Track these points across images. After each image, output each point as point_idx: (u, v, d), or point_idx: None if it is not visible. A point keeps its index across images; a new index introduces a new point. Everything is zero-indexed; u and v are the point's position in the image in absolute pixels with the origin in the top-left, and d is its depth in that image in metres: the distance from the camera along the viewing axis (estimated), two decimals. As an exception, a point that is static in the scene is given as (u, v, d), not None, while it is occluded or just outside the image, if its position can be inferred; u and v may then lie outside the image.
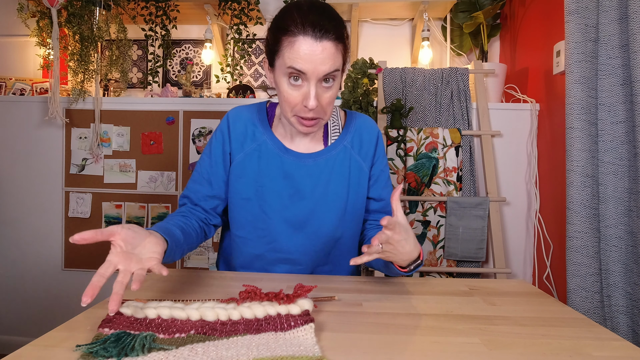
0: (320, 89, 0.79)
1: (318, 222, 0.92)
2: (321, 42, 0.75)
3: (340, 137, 0.95)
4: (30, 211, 2.02)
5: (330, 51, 0.77)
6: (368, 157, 0.95)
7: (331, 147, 0.93)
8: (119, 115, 1.98)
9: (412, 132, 1.81)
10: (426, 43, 2.13)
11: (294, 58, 0.76)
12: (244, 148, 0.92)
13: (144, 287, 0.82)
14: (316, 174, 0.91)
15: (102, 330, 0.57)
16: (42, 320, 2.03)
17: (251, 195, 0.92)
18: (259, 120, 0.94)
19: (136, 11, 2.14)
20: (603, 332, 0.64)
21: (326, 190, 0.91)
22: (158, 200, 1.97)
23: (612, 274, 1.24)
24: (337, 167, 0.92)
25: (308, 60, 0.75)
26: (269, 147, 0.91)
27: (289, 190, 0.91)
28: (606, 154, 1.26)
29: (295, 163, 0.91)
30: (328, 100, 0.82)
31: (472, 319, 0.68)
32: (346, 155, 0.93)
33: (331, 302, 0.75)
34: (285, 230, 0.92)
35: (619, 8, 1.22)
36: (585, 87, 1.28)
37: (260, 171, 0.91)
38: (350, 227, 0.96)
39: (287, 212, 0.91)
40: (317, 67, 0.76)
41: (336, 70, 0.79)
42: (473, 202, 1.76)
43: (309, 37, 0.75)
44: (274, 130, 0.94)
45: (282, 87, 0.81)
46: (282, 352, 0.52)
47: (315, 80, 0.77)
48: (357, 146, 0.95)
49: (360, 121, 0.97)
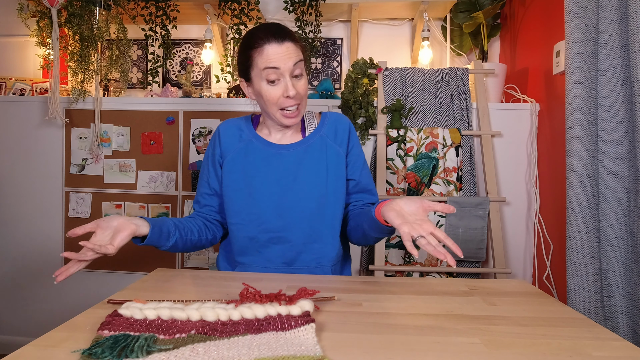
0: (293, 81, 0.97)
1: (303, 202, 1.03)
2: (284, 43, 0.95)
3: (316, 129, 1.09)
4: (30, 211, 2.02)
5: (292, 48, 0.96)
6: (343, 144, 1.09)
7: (309, 137, 1.07)
8: (119, 115, 1.98)
9: (412, 132, 1.81)
10: (426, 43, 2.13)
11: (267, 60, 0.94)
12: (233, 149, 1.07)
13: (144, 287, 0.82)
14: (297, 161, 1.04)
15: (102, 332, 0.57)
16: (42, 320, 2.03)
17: (242, 185, 1.04)
18: (245, 125, 1.10)
19: (136, 11, 2.14)
20: (603, 332, 0.64)
21: (307, 174, 1.04)
22: (158, 200, 1.97)
23: (612, 274, 1.25)
24: (315, 153, 1.05)
25: (278, 58, 0.94)
26: (254, 144, 1.07)
27: (274, 177, 1.04)
28: (606, 154, 1.26)
29: (279, 153, 1.05)
30: (303, 89, 0.99)
31: (472, 319, 0.68)
32: (323, 143, 1.07)
33: (331, 302, 0.75)
34: (273, 211, 1.03)
35: (619, 8, 1.22)
36: (585, 87, 1.28)
37: (247, 164, 1.05)
38: (333, 204, 1.05)
39: (274, 196, 1.03)
40: (286, 62, 0.94)
41: (301, 61, 0.97)
42: (473, 202, 1.76)
43: (273, 42, 0.94)
44: (258, 132, 1.10)
45: (263, 90, 0.97)
46: (284, 352, 0.52)
47: (288, 74, 0.95)
48: (332, 135, 1.08)
49: (334, 116, 1.12)
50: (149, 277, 0.89)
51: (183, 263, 1.98)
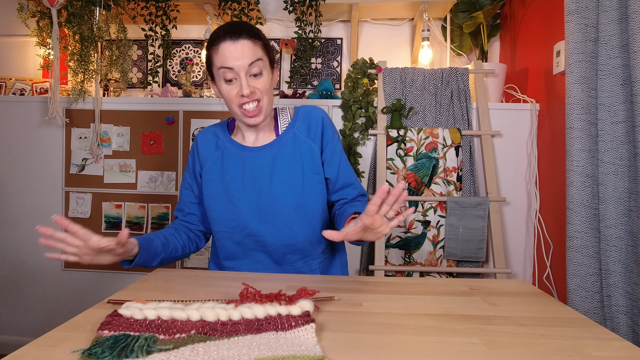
0: (250, 80, 0.94)
1: (279, 203, 1.01)
2: (238, 41, 0.92)
3: (288, 126, 1.06)
4: (30, 211, 2.02)
5: (248, 46, 0.92)
6: (317, 139, 1.05)
7: (282, 136, 1.04)
8: (119, 115, 1.98)
9: (412, 132, 1.81)
10: (426, 43, 2.13)
11: (221, 59, 0.93)
12: (210, 157, 1.07)
13: (144, 287, 0.82)
14: (271, 162, 1.02)
15: (102, 332, 0.57)
16: (42, 320, 2.03)
17: (220, 193, 1.03)
18: (221, 132, 1.09)
19: (136, 11, 2.14)
20: (603, 332, 0.64)
21: (282, 173, 1.02)
22: (158, 200, 1.97)
23: (612, 274, 1.25)
24: (289, 152, 1.03)
25: (232, 57, 0.92)
26: (230, 150, 1.05)
27: (250, 180, 1.02)
28: (606, 154, 1.26)
29: (253, 156, 1.03)
30: (262, 88, 0.96)
31: (472, 319, 0.68)
32: (296, 140, 1.04)
33: (331, 302, 0.75)
34: (253, 216, 1.01)
35: (619, 8, 1.22)
36: (585, 87, 1.28)
37: (224, 171, 1.04)
38: (312, 202, 1.03)
39: (252, 201, 1.01)
40: (239, 60, 0.92)
41: (258, 60, 0.93)
42: (473, 202, 1.76)
43: (227, 40, 0.92)
44: (233, 137, 1.08)
45: (222, 89, 0.96)
46: (284, 352, 0.52)
47: (243, 73, 0.93)
48: (305, 131, 1.05)
49: (306, 109, 1.08)
50: (149, 277, 0.89)
51: (183, 263, 1.98)
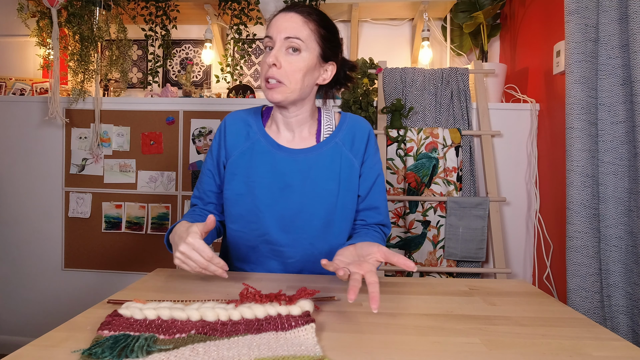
0: (284, 53, 0.89)
1: (307, 216, 0.94)
2: (288, 14, 0.89)
3: (332, 134, 0.98)
4: (30, 211, 2.02)
5: (295, 20, 0.88)
6: (359, 154, 0.98)
7: (323, 144, 0.97)
8: (119, 115, 1.98)
9: (412, 132, 1.81)
10: (426, 43, 2.13)
11: (268, 30, 0.90)
12: (238, 147, 0.98)
13: (144, 287, 0.82)
14: (306, 169, 0.94)
15: (102, 332, 0.57)
16: (42, 320, 2.03)
17: (244, 191, 0.95)
18: (254, 121, 0.99)
19: (136, 11, 2.14)
20: (603, 332, 0.64)
21: (316, 185, 0.94)
22: (158, 200, 1.97)
23: (612, 274, 1.24)
24: (327, 162, 0.95)
25: (275, 26, 0.89)
26: (262, 145, 0.96)
27: (279, 184, 0.94)
28: (606, 154, 1.26)
29: (286, 159, 0.95)
30: (291, 68, 0.89)
31: (472, 319, 0.68)
32: (337, 152, 0.96)
33: (331, 302, 0.75)
34: (275, 223, 0.95)
35: (619, 8, 1.22)
36: (585, 87, 1.28)
37: (250, 168, 0.96)
38: (342, 222, 0.97)
39: (278, 206, 0.94)
40: (280, 30, 0.88)
41: (298, 38, 0.88)
42: (473, 202, 1.76)
43: (280, 14, 0.90)
44: (267, 130, 0.99)
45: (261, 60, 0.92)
46: (284, 352, 0.52)
47: (279, 43, 0.88)
48: (349, 143, 0.98)
49: (353, 120, 1.01)
50: (149, 277, 0.89)
51: (183, 263, 1.98)
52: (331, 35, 0.94)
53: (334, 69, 0.97)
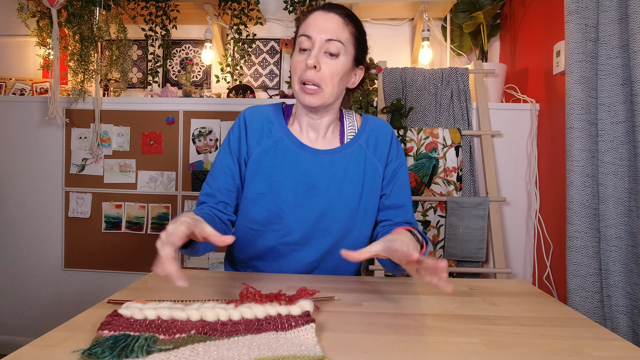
0: (323, 56, 0.86)
1: (330, 218, 0.93)
2: (329, 13, 0.86)
3: (356, 136, 0.96)
4: (30, 211, 2.02)
5: (336, 21, 0.86)
6: (382, 158, 0.97)
7: (347, 145, 0.95)
8: (119, 115, 1.98)
9: (412, 132, 1.81)
10: (426, 43, 2.13)
11: (305, 27, 0.87)
12: (260, 144, 0.94)
13: (144, 287, 0.82)
14: (332, 171, 0.93)
15: (102, 332, 0.57)
16: (42, 320, 2.03)
17: (266, 190, 0.93)
18: (276, 118, 0.96)
19: (136, 11, 2.14)
20: (603, 332, 0.64)
21: (341, 187, 0.93)
22: (158, 200, 1.97)
23: (612, 274, 1.24)
24: (352, 165, 0.94)
25: (314, 25, 0.85)
26: (285, 144, 0.93)
27: (303, 186, 0.92)
28: (606, 154, 1.26)
29: (311, 159, 0.93)
30: (330, 71, 0.86)
31: (472, 319, 0.68)
32: (361, 154, 0.95)
33: (331, 302, 0.75)
34: (298, 225, 0.93)
35: (619, 8, 1.22)
36: (585, 87, 1.28)
37: (274, 167, 0.93)
38: (362, 226, 0.96)
39: (301, 208, 0.93)
40: (320, 31, 0.84)
41: (339, 40, 0.85)
42: (473, 202, 1.76)
43: (319, 11, 0.87)
44: (290, 128, 0.96)
45: (293, 59, 0.89)
46: (284, 352, 0.52)
47: (319, 44, 0.85)
48: (373, 146, 0.96)
49: (376, 122, 1.00)
50: (149, 277, 0.89)
51: (183, 263, 1.98)
52: (364, 38, 0.92)
53: (362, 73, 0.95)
